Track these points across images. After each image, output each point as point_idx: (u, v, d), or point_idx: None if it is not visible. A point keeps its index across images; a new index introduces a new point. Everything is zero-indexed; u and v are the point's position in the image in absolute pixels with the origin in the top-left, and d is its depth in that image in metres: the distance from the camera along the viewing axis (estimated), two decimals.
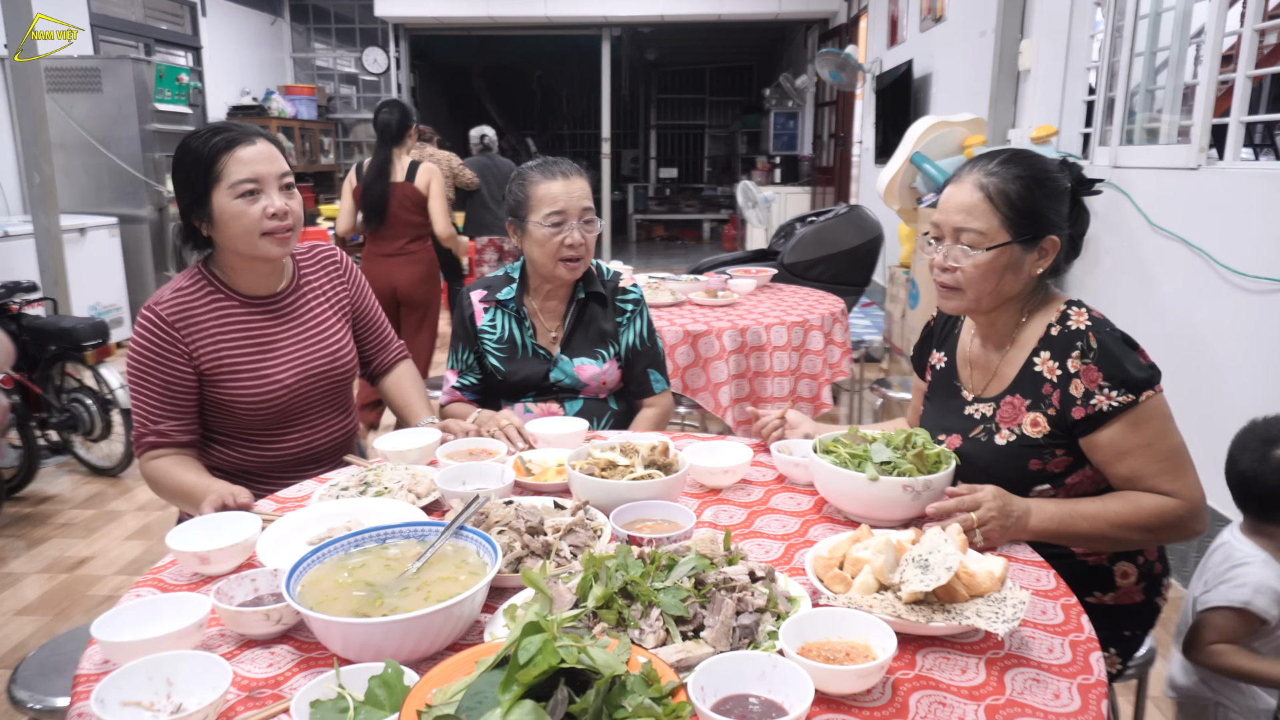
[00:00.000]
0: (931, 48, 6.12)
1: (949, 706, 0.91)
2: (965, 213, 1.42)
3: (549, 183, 1.97)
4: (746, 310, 3.35)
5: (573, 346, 2.05)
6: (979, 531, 1.26)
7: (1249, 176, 2.85)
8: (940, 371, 1.65)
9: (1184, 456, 1.36)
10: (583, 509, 1.31)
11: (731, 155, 16.59)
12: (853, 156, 9.39)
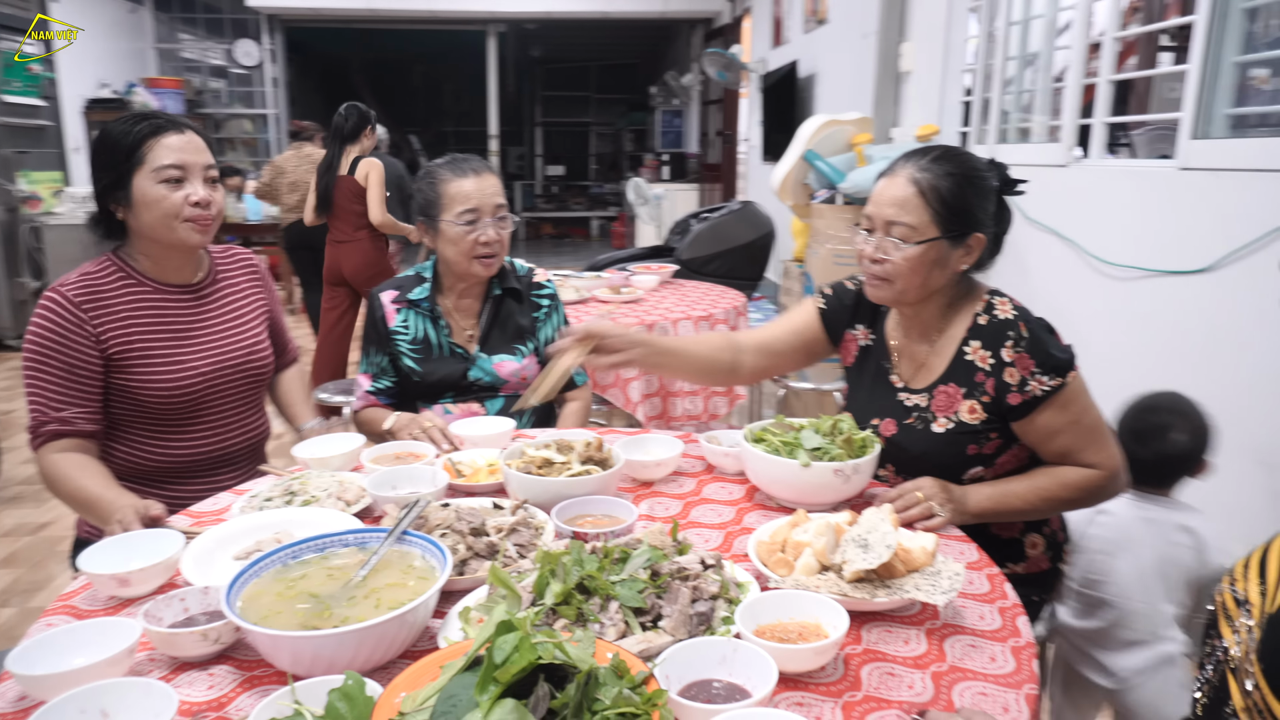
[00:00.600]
0: (815, 49, 6.32)
1: (898, 676, 0.96)
2: (898, 206, 1.45)
3: (460, 180, 1.94)
4: (652, 306, 3.39)
5: (490, 344, 2.03)
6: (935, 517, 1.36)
7: (1112, 173, 3.08)
8: (868, 349, 1.66)
9: (1104, 427, 1.46)
10: (522, 508, 1.30)
11: (618, 153, 16.67)
12: (739, 154, 9.60)
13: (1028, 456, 1.51)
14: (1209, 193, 2.51)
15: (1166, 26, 3.23)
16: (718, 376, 1.73)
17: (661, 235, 9.07)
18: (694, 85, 11.93)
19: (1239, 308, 2.39)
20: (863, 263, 1.53)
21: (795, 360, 1.77)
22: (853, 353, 1.70)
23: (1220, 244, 2.43)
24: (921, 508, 1.36)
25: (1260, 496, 2.31)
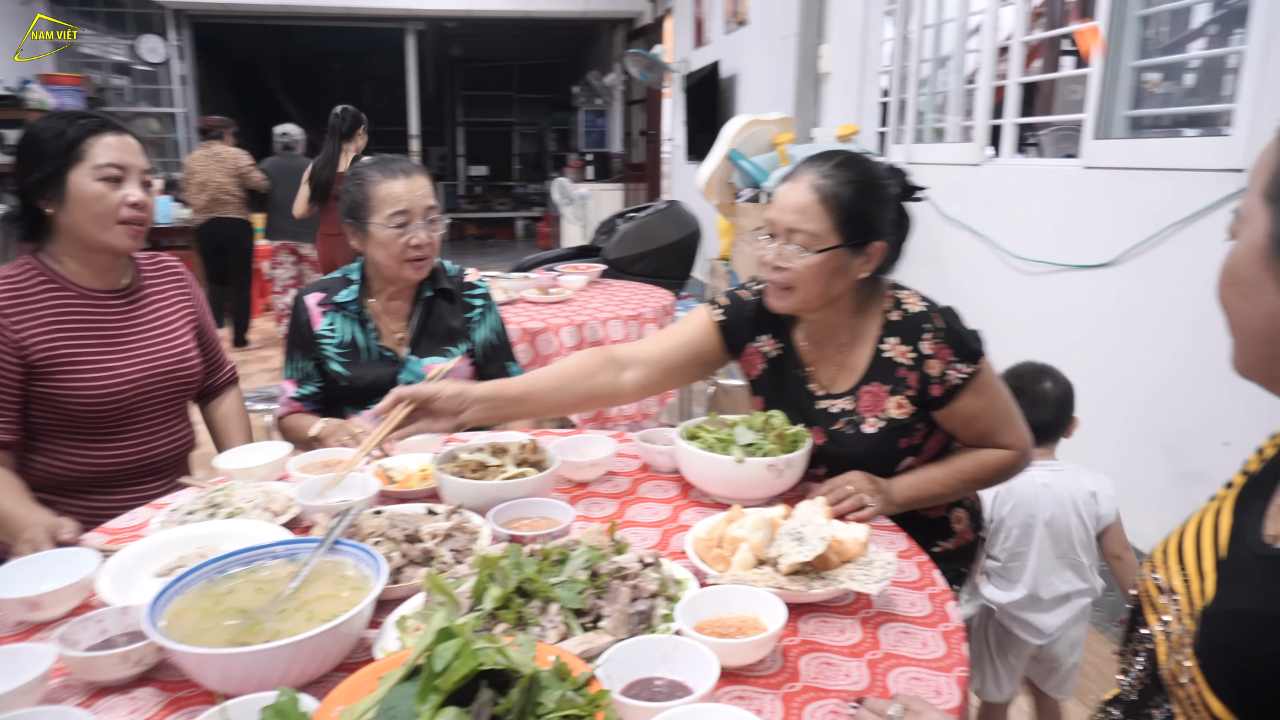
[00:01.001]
0: (736, 49, 6.40)
1: (835, 665, 0.98)
2: (799, 213, 1.42)
3: (390, 182, 1.90)
4: (581, 306, 3.38)
5: (421, 346, 2.00)
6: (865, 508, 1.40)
7: (1021, 171, 3.21)
8: (778, 359, 1.62)
9: (1014, 407, 1.50)
10: (457, 513, 1.28)
11: (542, 153, 16.58)
12: (663, 154, 9.65)
13: (949, 437, 1.56)
14: (1111, 190, 2.63)
15: (1069, 31, 3.37)
16: (597, 401, 1.59)
17: (587, 235, 9.06)
18: (617, 85, 11.95)
19: (1141, 300, 2.51)
20: (763, 270, 1.50)
21: (687, 374, 1.67)
22: (758, 365, 1.63)
23: (1123, 239, 2.55)
24: (852, 500, 1.39)
25: (1166, 477, 2.44)
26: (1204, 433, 2.30)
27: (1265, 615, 0.69)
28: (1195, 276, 2.31)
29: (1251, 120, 2.11)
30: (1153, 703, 0.83)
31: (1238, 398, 2.18)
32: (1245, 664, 0.70)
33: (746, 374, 1.67)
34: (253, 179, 6.16)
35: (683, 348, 1.63)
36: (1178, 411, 2.39)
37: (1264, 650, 0.68)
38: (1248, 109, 2.12)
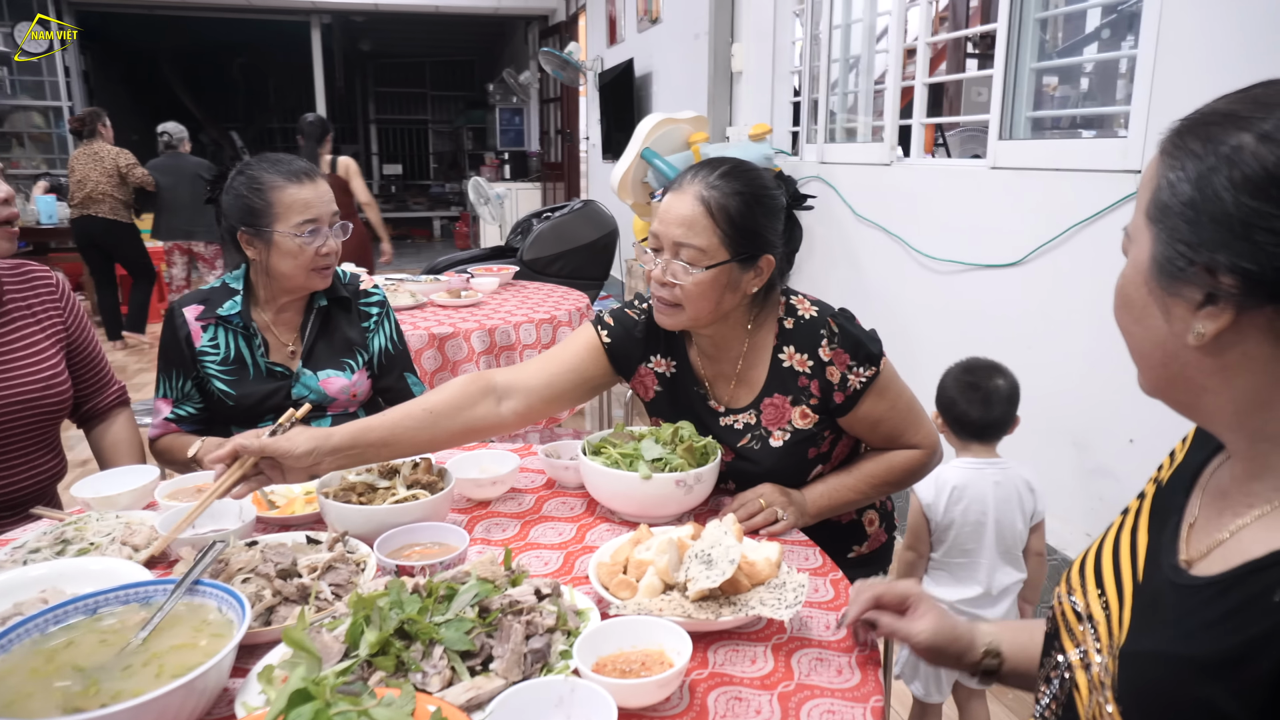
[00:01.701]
0: (650, 48, 6.35)
1: (745, 700, 0.92)
2: (686, 226, 1.33)
3: (296, 188, 1.77)
4: (493, 309, 3.27)
5: (316, 359, 1.87)
6: (779, 521, 1.36)
7: (931, 171, 3.24)
8: (673, 379, 1.53)
9: (918, 405, 1.47)
10: (341, 541, 1.18)
11: (458, 151, 16.28)
12: (580, 152, 9.56)
13: (857, 441, 1.53)
14: (1017, 190, 2.67)
15: (973, 34, 3.42)
16: (474, 434, 1.41)
17: (505, 235, 8.91)
18: (532, 83, 11.80)
19: (1047, 299, 2.55)
20: (651, 285, 1.41)
21: (574, 399, 1.53)
22: (652, 386, 1.55)
23: (1029, 239, 2.58)
24: (765, 514, 1.34)
25: (1074, 473, 2.48)
26: (1109, 430, 2.34)
27: (1185, 656, 0.64)
28: (1097, 275, 2.35)
29: (1146, 122, 2.15)
30: None
31: (1140, 396, 2.22)
32: (1171, 711, 0.64)
33: (641, 396, 1.58)
34: (135, 176, 5.91)
35: (568, 372, 1.49)
36: (1083, 409, 2.43)
37: (1184, 695, 0.63)
38: (1142, 111, 2.16)
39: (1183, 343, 0.64)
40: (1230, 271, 0.59)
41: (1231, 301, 0.60)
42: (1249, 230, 0.57)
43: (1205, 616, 0.63)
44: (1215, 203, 0.59)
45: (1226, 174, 0.58)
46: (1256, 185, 0.57)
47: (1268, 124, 0.58)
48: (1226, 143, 0.59)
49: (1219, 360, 0.63)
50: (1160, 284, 0.65)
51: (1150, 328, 0.67)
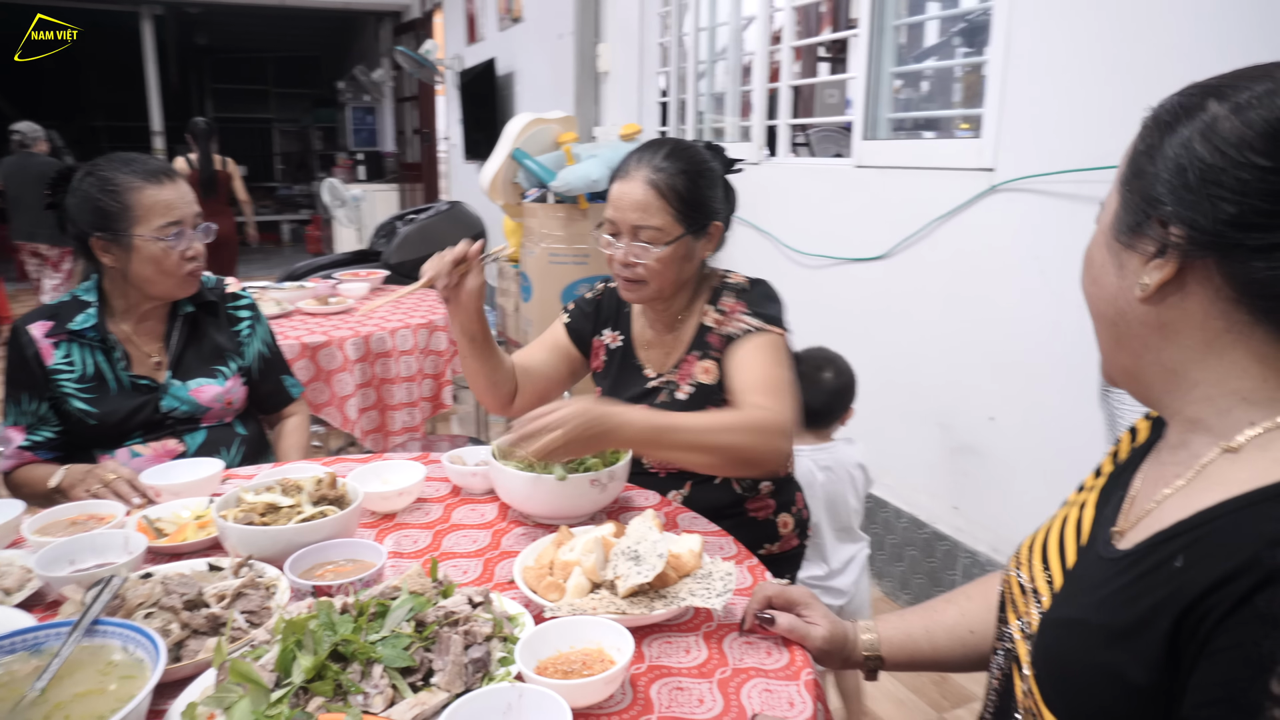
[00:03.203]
0: (513, 47, 6.29)
1: (686, 689, 0.94)
2: (641, 210, 1.45)
3: (157, 189, 1.66)
4: (365, 315, 3.16)
5: (185, 368, 1.76)
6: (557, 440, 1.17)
7: (798, 170, 3.37)
8: (616, 350, 1.65)
9: (785, 389, 1.43)
10: (246, 566, 1.12)
11: (306, 151, 15.56)
12: (439, 153, 9.35)
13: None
14: (880, 188, 2.82)
15: (837, 38, 3.58)
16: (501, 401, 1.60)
17: (364, 239, 8.60)
18: (386, 81, 11.44)
19: (910, 290, 2.71)
20: (613, 267, 1.52)
21: (563, 382, 1.70)
22: (600, 357, 1.68)
23: (892, 234, 2.74)
24: (539, 438, 1.17)
25: (939, 452, 2.65)
26: (970, 410, 2.51)
27: (1095, 624, 0.67)
28: (956, 266, 2.52)
29: (998, 124, 2.32)
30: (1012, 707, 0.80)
31: (997, 377, 2.40)
32: (1076, 677, 0.68)
33: (593, 368, 1.70)
34: None
35: (553, 354, 1.68)
36: (946, 391, 2.60)
37: (1092, 662, 0.66)
38: (994, 114, 2.33)
39: (1130, 297, 0.69)
40: (1181, 223, 0.64)
41: (1177, 252, 0.64)
42: (1205, 186, 0.62)
43: (1117, 585, 0.67)
44: (1180, 162, 0.64)
45: (1197, 138, 0.63)
46: (1213, 141, 0.62)
47: (1241, 96, 0.62)
48: (1204, 110, 0.63)
49: (1160, 315, 0.68)
50: (1119, 239, 0.70)
51: (1106, 285, 0.72)
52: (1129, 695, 0.63)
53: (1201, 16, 1.81)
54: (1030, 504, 2.33)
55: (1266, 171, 0.60)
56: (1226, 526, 0.60)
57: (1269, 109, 0.60)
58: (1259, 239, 0.60)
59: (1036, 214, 2.24)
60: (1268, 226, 0.60)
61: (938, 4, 3.77)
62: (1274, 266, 0.61)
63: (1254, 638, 0.55)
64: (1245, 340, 0.64)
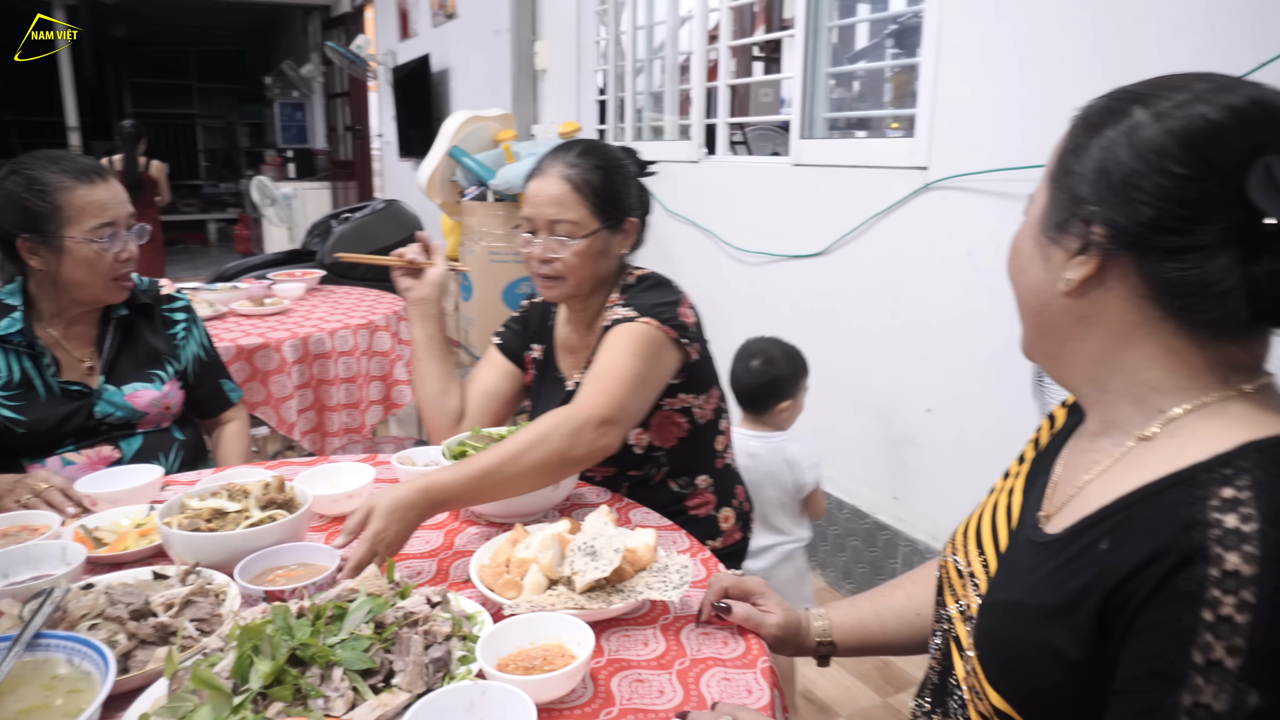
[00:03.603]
0: (447, 43, 6.22)
1: (646, 681, 0.95)
2: (557, 205, 1.48)
3: (89, 189, 1.60)
4: (303, 316, 3.10)
5: (119, 373, 1.71)
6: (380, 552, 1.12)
7: (737, 168, 3.41)
8: (541, 363, 1.68)
9: (619, 377, 1.31)
10: (194, 573, 1.10)
11: (233, 148, 15.13)
12: (373, 150, 9.19)
13: (685, 412, 1.56)
14: (818, 186, 2.87)
15: (773, 38, 3.63)
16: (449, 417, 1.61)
17: (296, 238, 8.40)
18: (316, 76, 11.18)
19: (849, 285, 2.77)
20: (531, 265, 1.53)
21: (513, 400, 1.71)
22: (531, 371, 1.70)
23: (830, 231, 2.79)
24: (375, 551, 1.12)
25: (879, 444, 2.72)
26: (908, 401, 2.58)
27: (1030, 604, 0.71)
28: (893, 262, 2.59)
29: (930, 123, 2.39)
30: (951, 686, 0.84)
31: (933, 368, 2.48)
32: (1016, 655, 0.72)
33: (527, 384, 1.71)
34: None
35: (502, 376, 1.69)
36: (885, 384, 2.67)
37: (1030, 640, 0.70)
38: (926, 114, 2.40)
39: (1054, 290, 0.73)
40: (1103, 223, 0.68)
41: (1099, 250, 0.68)
42: (1126, 189, 0.66)
43: (1049, 568, 0.71)
44: (1105, 165, 0.68)
45: (1121, 141, 0.67)
46: (1135, 147, 0.66)
47: (1163, 104, 0.66)
48: (1129, 115, 0.67)
49: (1081, 308, 0.72)
50: (1046, 234, 0.73)
51: (1031, 276, 0.76)
52: (1066, 670, 0.67)
53: (1123, 23, 1.90)
54: (967, 492, 2.41)
55: (1182, 179, 0.63)
56: (1145, 511, 0.64)
57: (1187, 118, 0.64)
58: (1172, 242, 0.64)
59: (969, 211, 2.32)
60: (1181, 230, 0.64)
61: (867, 6, 3.86)
62: (1184, 268, 0.65)
63: (1176, 614, 0.59)
64: (1156, 334, 0.68)
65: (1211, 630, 0.57)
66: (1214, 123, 0.63)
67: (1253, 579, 0.57)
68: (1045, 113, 2.06)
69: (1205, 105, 0.64)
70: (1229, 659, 0.56)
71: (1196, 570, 0.58)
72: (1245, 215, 0.62)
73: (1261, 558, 0.57)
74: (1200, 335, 0.67)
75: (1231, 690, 0.56)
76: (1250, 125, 0.62)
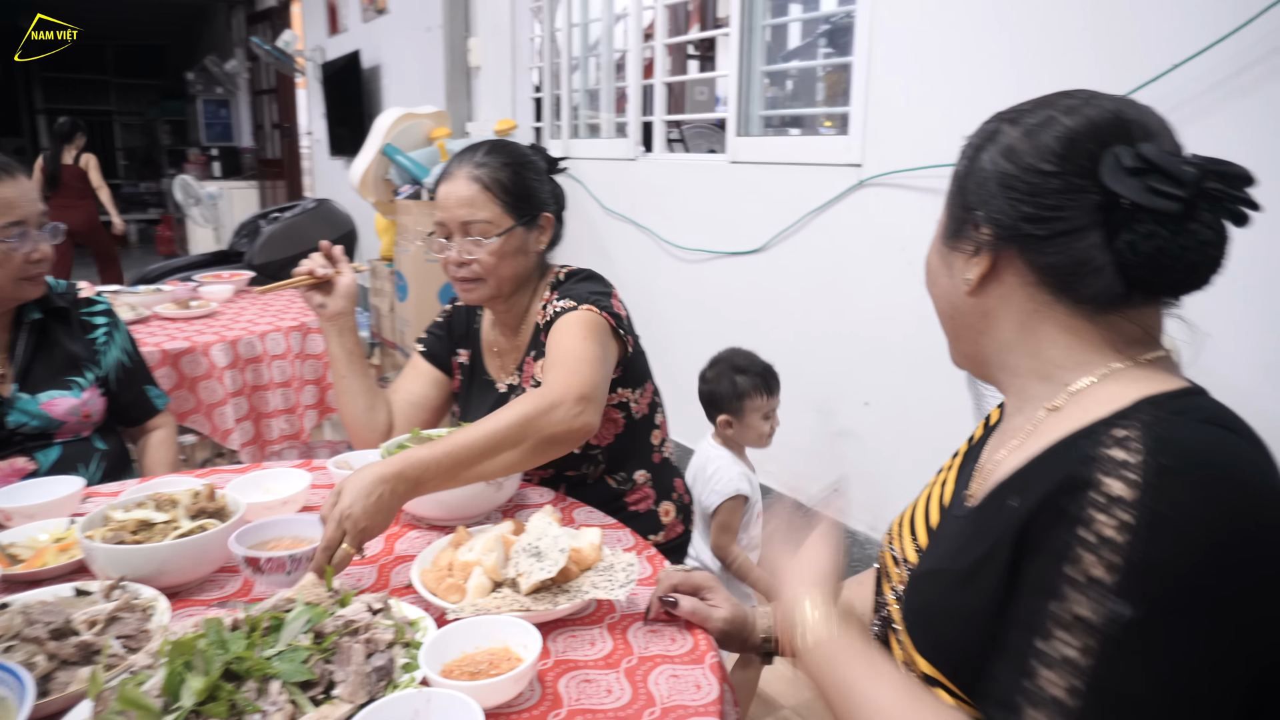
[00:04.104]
0: (378, 39, 6.11)
1: (594, 681, 0.94)
2: (468, 205, 1.46)
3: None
4: (231, 319, 3.00)
5: (33, 380, 1.64)
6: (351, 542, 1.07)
7: (674, 166, 3.42)
8: (468, 368, 1.66)
9: (577, 360, 1.30)
10: (118, 588, 1.05)
11: (154, 146, 14.58)
12: (302, 149, 8.97)
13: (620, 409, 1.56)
14: (755, 183, 2.90)
15: (709, 36, 3.64)
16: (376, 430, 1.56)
17: (223, 239, 8.15)
18: (240, 72, 10.87)
19: (787, 281, 2.80)
20: (449, 269, 1.50)
21: (441, 409, 1.68)
22: (458, 377, 1.68)
23: (768, 227, 2.82)
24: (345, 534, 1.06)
25: (820, 437, 2.75)
26: (847, 395, 2.62)
27: (949, 570, 0.75)
28: (831, 258, 2.62)
29: (864, 122, 2.43)
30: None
31: (871, 362, 2.52)
32: (937, 620, 0.76)
33: (454, 390, 1.68)
34: None
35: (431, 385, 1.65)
36: (824, 378, 2.70)
37: (950, 604, 0.74)
38: (860, 112, 2.43)
39: (960, 293, 0.80)
40: (989, 223, 0.76)
41: (989, 248, 0.77)
42: (1004, 191, 0.74)
43: (966, 535, 0.76)
44: (986, 175, 0.76)
45: (999, 155, 0.76)
46: (1009, 157, 0.75)
47: (1031, 118, 0.75)
48: (1002, 134, 0.77)
49: (984, 304, 0.79)
50: (946, 244, 0.82)
51: (941, 284, 0.84)
52: (986, 628, 0.70)
53: (1049, 24, 1.95)
54: (905, 484, 2.46)
55: (1049, 175, 0.72)
56: (1048, 461, 0.70)
57: (1049, 132, 0.73)
58: (1047, 229, 0.72)
59: (902, 207, 2.36)
60: (1052, 219, 0.72)
61: (799, 6, 3.91)
62: (1060, 251, 0.72)
63: (1060, 534, 0.64)
64: (1052, 316, 0.75)
65: (1087, 546, 0.61)
66: (1073, 129, 0.72)
67: (1132, 502, 0.61)
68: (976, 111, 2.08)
69: (1066, 117, 0.73)
70: (1106, 575, 0.60)
71: (1080, 495, 0.63)
72: (1103, 198, 0.69)
73: (1142, 483, 0.61)
74: (1089, 311, 0.74)
75: (1106, 603, 0.60)
76: (1102, 129, 0.71)
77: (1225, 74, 1.66)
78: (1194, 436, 0.64)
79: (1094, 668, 0.60)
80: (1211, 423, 0.66)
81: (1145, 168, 0.67)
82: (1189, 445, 0.63)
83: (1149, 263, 0.68)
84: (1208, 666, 0.59)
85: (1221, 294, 0.77)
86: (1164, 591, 0.59)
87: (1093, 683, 0.60)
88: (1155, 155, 0.67)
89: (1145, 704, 0.59)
